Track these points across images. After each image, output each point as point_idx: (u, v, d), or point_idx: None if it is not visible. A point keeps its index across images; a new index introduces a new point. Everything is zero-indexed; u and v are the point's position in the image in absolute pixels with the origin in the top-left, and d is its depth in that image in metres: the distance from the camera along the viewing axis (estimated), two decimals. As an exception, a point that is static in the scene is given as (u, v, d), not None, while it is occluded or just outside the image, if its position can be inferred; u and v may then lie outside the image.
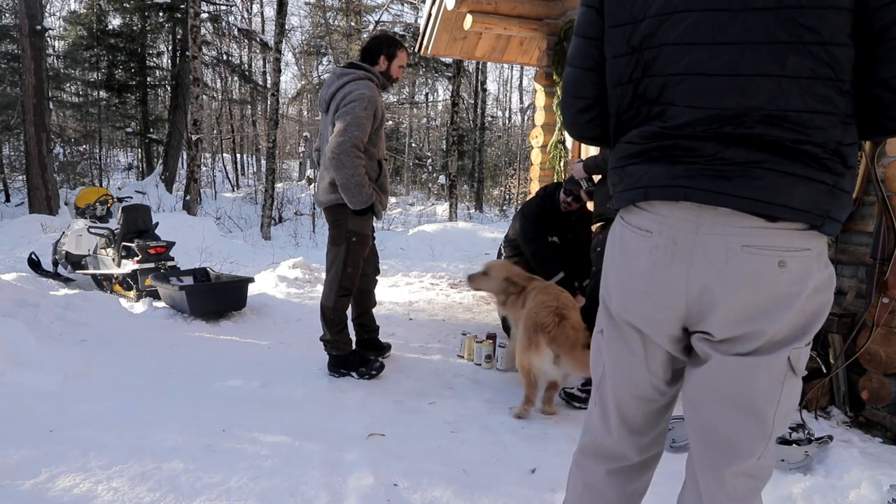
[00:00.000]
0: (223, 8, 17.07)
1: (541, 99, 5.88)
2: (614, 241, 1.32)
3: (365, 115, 3.15)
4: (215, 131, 19.95)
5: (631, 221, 1.27)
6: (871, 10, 1.06)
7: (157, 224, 6.14)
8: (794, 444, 2.42)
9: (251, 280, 5.06)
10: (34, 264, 6.65)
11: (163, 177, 14.58)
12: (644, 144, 1.22)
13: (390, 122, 22.68)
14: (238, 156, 21.47)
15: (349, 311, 3.58)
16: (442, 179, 20.28)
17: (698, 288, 1.17)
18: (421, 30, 6.04)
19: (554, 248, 4.22)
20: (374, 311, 3.88)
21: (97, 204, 6.48)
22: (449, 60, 16.74)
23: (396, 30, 17.88)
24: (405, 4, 18.98)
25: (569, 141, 5.67)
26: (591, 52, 1.31)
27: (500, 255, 4.56)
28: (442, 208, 16.55)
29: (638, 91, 1.22)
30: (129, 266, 5.44)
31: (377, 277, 3.87)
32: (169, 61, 17.05)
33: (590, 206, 4.06)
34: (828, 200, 1.11)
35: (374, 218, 3.46)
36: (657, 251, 1.20)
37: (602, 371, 1.41)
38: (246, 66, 20.78)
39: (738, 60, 1.11)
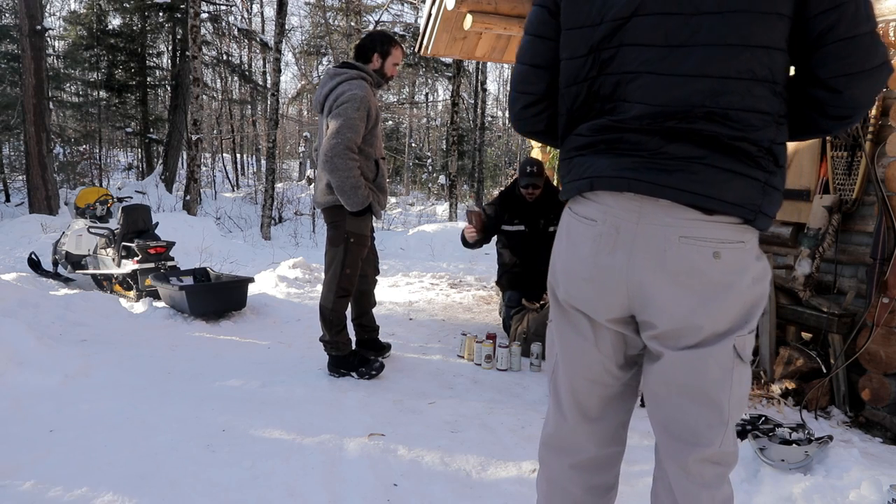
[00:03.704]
0: (223, 8, 17.07)
1: (541, 99, 5.88)
2: (562, 230, 1.38)
3: (357, 116, 3.13)
4: (215, 131, 19.95)
5: (577, 211, 1.32)
6: (809, 17, 1.14)
7: (157, 224, 6.14)
8: (794, 444, 2.42)
9: (251, 280, 5.05)
10: (34, 264, 6.65)
11: (163, 177, 14.57)
12: (592, 137, 1.28)
13: (390, 122, 22.66)
14: (238, 156, 21.46)
15: (349, 312, 3.58)
16: (442, 179, 20.28)
17: (638, 275, 1.23)
18: (421, 30, 6.03)
19: (521, 236, 4.39)
20: (374, 311, 3.88)
21: (97, 204, 6.48)
22: (449, 60, 16.73)
23: (396, 30, 17.86)
24: (405, 4, 18.98)
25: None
26: (542, 50, 1.37)
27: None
28: (442, 208, 16.54)
29: (593, 88, 1.28)
30: (129, 266, 5.44)
31: (377, 278, 3.87)
32: (169, 61, 17.04)
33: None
34: (760, 196, 1.19)
35: (374, 218, 3.45)
36: (600, 239, 1.26)
37: (555, 359, 1.45)
38: (246, 66, 20.77)
39: (685, 61, 1.18)
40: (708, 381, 1.24)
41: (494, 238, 4.61)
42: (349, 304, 3.55)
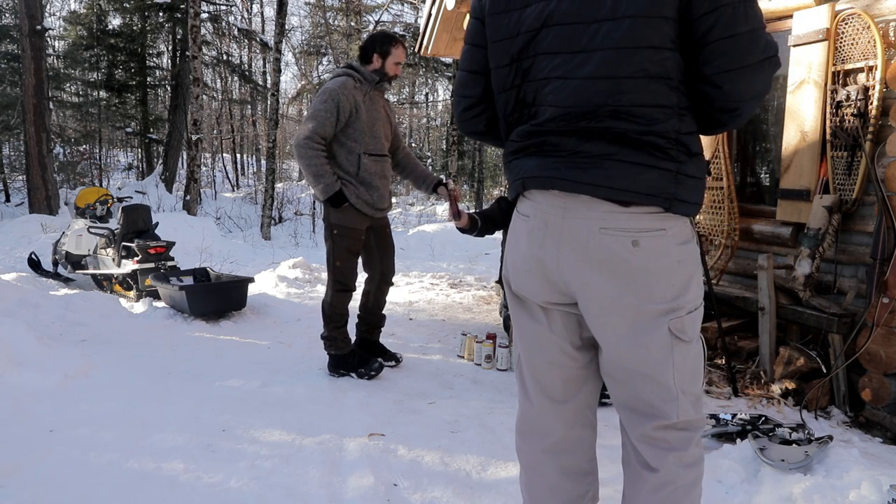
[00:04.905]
0: (223, 8, 17.05)
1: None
2: (510, 227, 1.50)
3: (324, 108, 3.22)
4: (215, 131, 19.94)
5: (518, 208, 1.46)
6: (693, 20, 1.24)
7: (157, 224, 6.14)
8: (794, 444, 2.42)
9: (251, 280, 5.06)
10: (34, 264, 6.65)
11: (163, 177, 14.56)
12: (522, 142, 1.40)
13: (390, 122, 22.56)
14: (238, 156, 21.44)
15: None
16: (442, 179, 20.24)
17: (567, 265, 1.34)
18: (421, 30, 6.03)
19: None
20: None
21: (97, 204, 6.48)
22: (449, 60, 16.72)
23: (396, 30, 17.85)
24: (405, 4, 18.95)
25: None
26: (477, 58, 1.49)
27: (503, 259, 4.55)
28: (442, 208, 16.53)
29: (519, 95, 1.41)
30: (129, 266, 5.44)
31: (392, 281, 3.75)
32: (169, 61, 17.02)
33: None
34: (672, 185, 1.28)
35: (364, 213, 3.39)
36: (533, 233, 1.38)
37: (518, 348, 1.55)
38: (246, 66, 20.75)
39: (586, 64, 1.29)
40: (650, 363, 1.34)
41: (494, 238, 4.60)
42: (349, 300, 3.52)
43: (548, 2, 1.33)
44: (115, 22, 16.36)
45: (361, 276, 3.62)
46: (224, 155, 20.95)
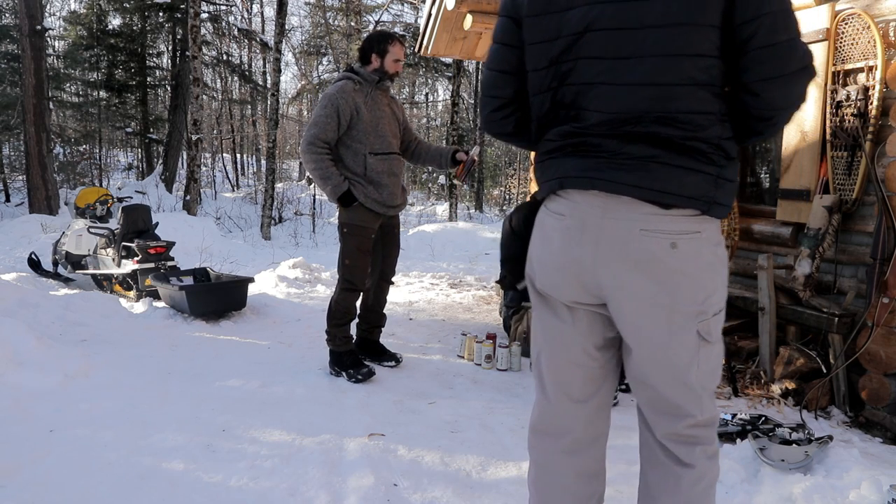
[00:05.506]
0: (223, 8, 17.06)
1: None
2: (537, 225, 1.49)
3: (324, 113, 3.29)
4: (215, 131, 19.94)
5: (550, 207, 1.44)
6: (735, 26, 1.26)
7: (157, 224, 6.13)
8: (794, 444, 2.42)
9: (251, 280, 5.05)
10: (34, 264, 6.65)
11: (163, 177, 14.56)
12: (560, 142, 1.40)
13: (390, 122, 22.55)
14: (238, 156, 21.45)
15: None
16: (442, 179, 20.25)
17: (604, 265, 1.33)
18: (421, 30, 6.03)
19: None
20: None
21: (97, 204, 6.47)
22: (449, 60, 16.72)
23: (396, 30, 17.84)
24: (405, 4, 18.97)
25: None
26: (509, 57, 1.48)
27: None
28: (442, 208, 16.54)
29: (556, 97, 1.40)
30: (129, 266, 5.44)
31: (391, 280, 3.77)
32: (169, 61, 17.03)
33: None
34: (713, 189, 1.31)
35: (375, 212, 3.41)
36: (569, 232, 1.37)
37: (538, 346, 1.55)
38: (246, 66, 20.76)
39: (634, 70, 1.29)
40: (677, 365, 1.37)
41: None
42: (356, 299, 3.52)
43: (591, 6, 1.32)
44: (115, 22, 16.37)
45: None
46: (224, 155, 20.95)
